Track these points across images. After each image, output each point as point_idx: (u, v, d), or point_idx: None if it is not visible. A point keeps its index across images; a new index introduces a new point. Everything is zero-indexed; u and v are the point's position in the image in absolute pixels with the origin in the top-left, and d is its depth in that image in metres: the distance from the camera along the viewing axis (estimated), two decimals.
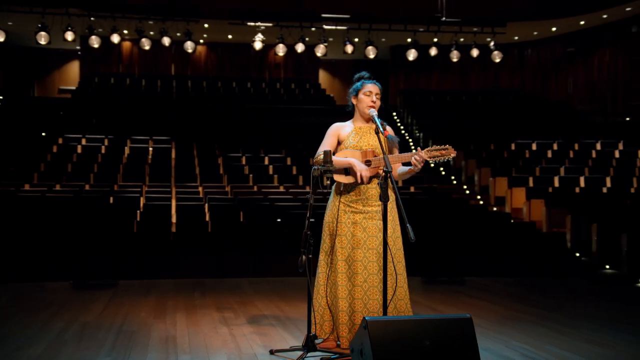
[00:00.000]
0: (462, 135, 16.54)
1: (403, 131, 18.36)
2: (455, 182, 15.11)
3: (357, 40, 18.06)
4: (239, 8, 16.96)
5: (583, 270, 10.19)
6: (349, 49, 16.92)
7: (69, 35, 16.19)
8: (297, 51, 17.30)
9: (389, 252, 4.64)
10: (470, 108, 19.36)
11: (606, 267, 10.34)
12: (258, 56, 20.64)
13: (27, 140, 15.28)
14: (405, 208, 4.29)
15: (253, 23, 17.42)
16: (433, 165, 15.18)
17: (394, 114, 19.36)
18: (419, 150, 4.64)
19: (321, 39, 17.16)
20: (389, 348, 3.76)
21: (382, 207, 4.40)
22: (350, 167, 4.70)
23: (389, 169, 4.37)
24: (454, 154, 4.69)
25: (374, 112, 4.75)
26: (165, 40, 16.67)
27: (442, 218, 10.98)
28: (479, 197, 13.98)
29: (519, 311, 6.69)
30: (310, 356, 4.50)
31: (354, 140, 4.83)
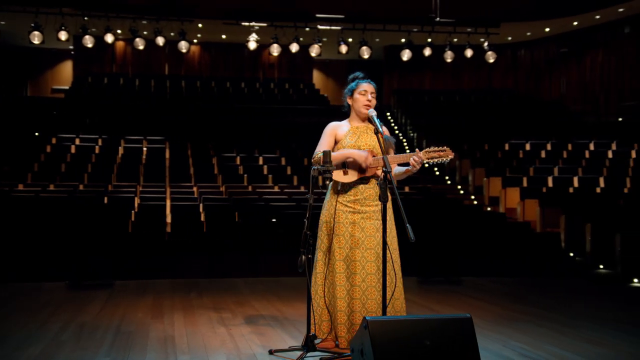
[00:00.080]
0: (456, 135, 16.57)
1: (397, 131, 18.38)
2: (449, 182, 15.14)
3: (351, 40, 18.06)
4: (233, 8, 16.92)
5: (577, 270, 10.22)
6: (343, 49, 16.92)
7: (63, 35, 16.11)
8: (292, 51, 17.28)
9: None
10: (463, 108, 19.40)
11: (600, 267, 10.36)
12: (252, 56, 20.63)
13: (21, 140, 15.23)
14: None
15: (247, 23, 17.40)
16: (427, 166, 15.19)
17: (388, 114, 19.37)
18: (417, 152, 4.67)
19: (315, 39, 17.15)
20: (390, 348, 3.77)
21: (382, 207, 4.42)
22: (350, 159, 4.69)
23: (388, 169, 4.38)
24: (452, 155, 4.72)
25: (374, 113, 4.75)
26: (160, 40, 16.61)
27: (437, 218, 11.01)
28: (473, 197, 14.02)
29: (516, 311, 6.70)
30: (309, 356, 4.50)
31: (351, 139, 4.83)
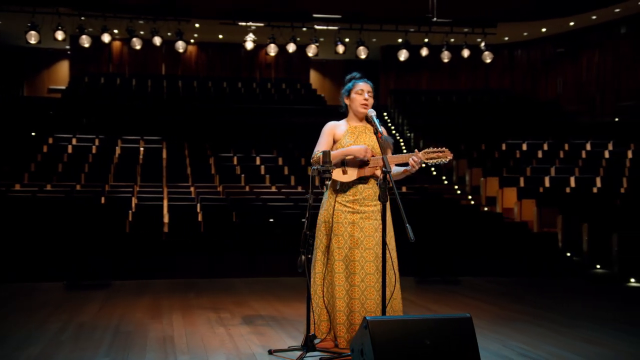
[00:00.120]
0: (453, 135, 16.58)
1: (394, 131, 18.40)
2: (446, 182, 15.16)
3: (348, 40, 18.05)
4: (230, 8, 16.91)
5: (574, 270, 10.24)
6: (341, 49, 16.91)
7: (59, 35, 16.07)
8: (289, 51, 17.26)
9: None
10: (460, 108, 19.41)
11: (597, 267, 10.38)
12: (249, 56, 20.62)
13: (17, 139, 15.20)
14: (397, 208, 4.33)
15: (244, 23, 17.39)
16: (425, 166, 15.20)
17: (385, 114, 19.38)
18: (417, 152, 4.68)
19: (312, 39, 17.14)
20: (390, 348, 3.77)
21: (381, 207, 4.43)
22: (350, 157, 4.70)
23: (388, 169, 4.38)
24: (451, 156, 4.72)
25: (373, 112, 4.76)
26: (157, 40, 16.58)
27: (435, 218, 11.01)
28: (470, 197, 14.03)
29: (514, 311, 6.72)
30: (309, 356, 4.50)
31: (350, 139, 4.83)
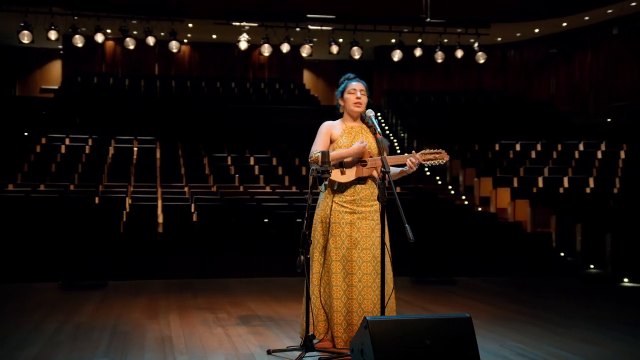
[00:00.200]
0: (447, 135, 16.61)
1: (388, 131, 18.43)
2: (440, 183, 15.19)
3: (342, 40, 18.05)
4: (224, 8, 16.88)
5: (568, 270, 10.28)
6: (334, 49, 16.91)
7: (52, 35, 16.00)
8: (282, 51, 17.25)
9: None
10: (454, 108, 19.45)
11: (590, 267, 10.42)
12: (242, 56, 20.59)
13: (10, 139, 15.13)
14: (393, 208, 4.35)
15: (238, 23, 17.37)
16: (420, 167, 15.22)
17: (379, 114, 19.39)
18: (414, 153, 4.70)
19: (306, 39, 17.14)
20: (390, 347, 3.78)
21: (380, 208, 4.44)
22: (349, 159, 4.71)
23: (387, 169, 4.40)
24: (447, 158, 4.75)
25: (372, 113, 4.78)
26: (150, 40, 16.54)
27: (429, 218, 11.03)
28: (463, 198, 14.06)
29: (510, 311, 6.74)
30: (308, 356, 4.50)
31: (347, 139, 4.84)
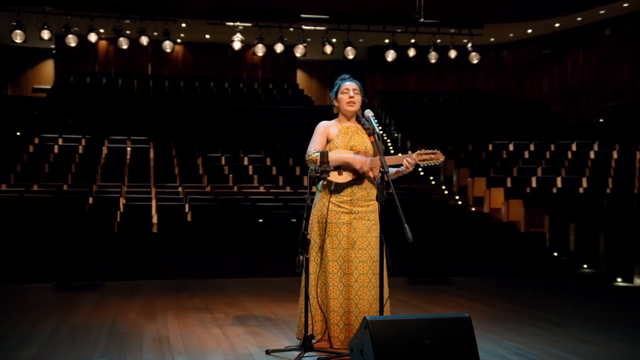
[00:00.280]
0: (440, 135, 16.62)
1: (381, 131, 18.35)
2: (433, 183, 15.21)
3: (335, 40, 18.04)
4: (218, 8, 16.86)
5: (562, 269, 10.32)
6: (328, 49, 16.91)
7: (45, 34, 15.92)
8: (276, 51, 17.24)
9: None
10: (447, 109, 19.49)
11: (584, 267, 10.46)
12: (236, 56, 20.56)
13: (2, 140, 15.06)
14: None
15: (232, 23, 17.35)
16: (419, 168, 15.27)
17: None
18: (410, 153, 4.73)
19: (300, 40, 17.14)
20: (390, 347, 3.79)
21: (379, 208, 4.46)
22: (347, 164, 4.72)
23: (386, 169, 4.42)
24: (443, 158, 4.78)
25: (370, 113, 4.79)
26: (144, 40, 16.49)
27: (424, 218, 11.05)
28: (457, 198, 14.09)
29: (507, 310, 6.76)
30: (307, 356, 4.51)
31: (343, 140, 4.85)
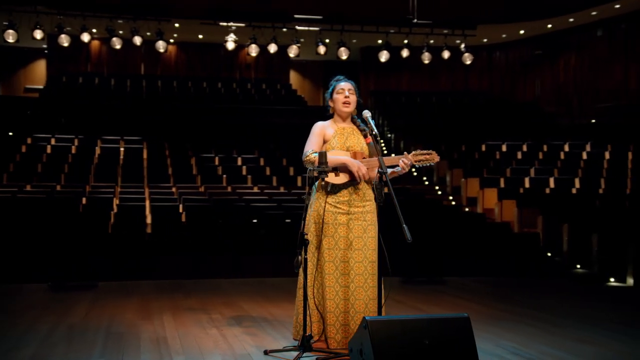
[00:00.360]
0: (433, 136, 16.66)
1: (374, 132, 18.42)
2: (427, 183, 15.24)
3: (328, 41, 18.04)
4: (211, 8, 16.83)
5: (556, 269, 10.36)
6: (322, 49, 16.92)
7: (38, 34, 15.86)
8: (270, 52, 17.23)
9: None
10: (440, 109, 19.53)
11: (577, 267, 10.51)
12: (229, 56, 20.51)
13: None
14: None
15: (225, 23, 17.33)
16: (414, 169, 15.30)
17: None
18: (406, 154, 4.75)
19: (293, 40, 17.13)
20: (389, 347, 3.80)
21: (377, 208, 4.47)
22: (345, 166, 4.72)
23: (384, 170, 4.44)
24: (438, 159, 4.82)
25: (369, 114, 4.82)
26: (137, 40, 16.44)
27: (418, 218, 11.07)
28: (451, 198, 14.12)
29: (502, 310, 6.78)
30: (306, 356, 4.51)
31: (339, 140, 4.86)
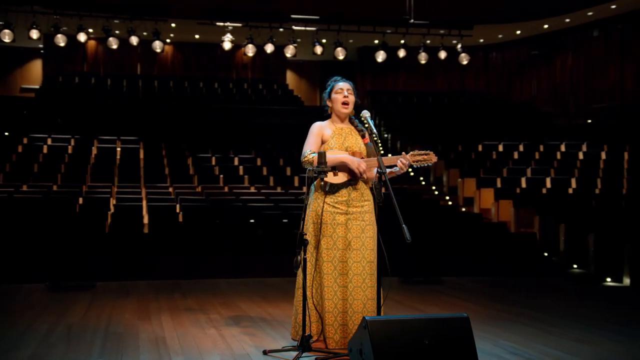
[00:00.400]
0: (430, 136, 16.68)
1: (374, 132, 18.43)
2: (424, 183, 15.26)
3: (325, 41, 18.07)
4: (208, 8, 16.82)
5: (552, 269, 10.38)
6: (319, 50, 16.93)
7: (34, 34, 15.83)
8: (266, 52, 17.24)
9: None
10: (437, 109, 19.55)
11: (574, 267, 10.53)
12: (225, 56, 20.49)
13: None
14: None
15: (222, 23, 17.32)
16: (411, 170, 15.31)
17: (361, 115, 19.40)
18: (404, 154, 4.76)
19: (290, 40, 17.14)
20: (389, 347, 3.81)
21: (376, 208, 4.48)
22: (344, 164, 4.73)
23: (383, 170, 4.45)
24: (435, 159, 4.84)
25: (367, 114, 4.84)
26: (133, 40, 16.44)
27: (416, 218, 11.07)
28: (447, 198, 14.14)
29: (500, 310, 6.79)
30: (305, 356, 4.51)
31: (338, 141, 4.87)
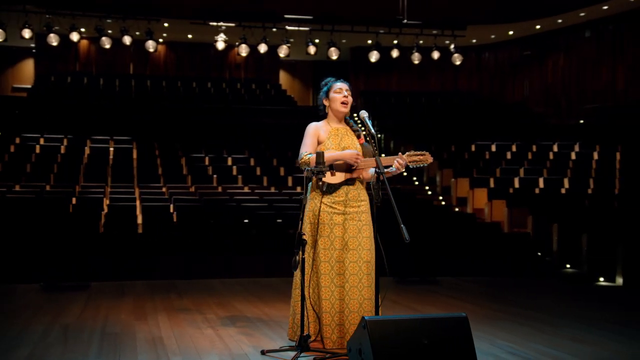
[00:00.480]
0: (423, 136, 16.70)
1: (364, 132, 18.45)
2: (417, 183, 15.28)
3: (318, 41, 18.07)
4: (201, 7, 16.80)
5: (546, 269, 10.41)
6: (312, 50, 16.94)
7: (26, 33, 15.79)
8: (260, 52, 17.23)
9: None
10: (430, 110, 19.58)
11: (567, 267, 10.57)
12: (218, 56, 20.49)
13: None
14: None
15: (215, 23, 17.31)
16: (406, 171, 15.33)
17: (355, 115, 19.43)
18: (400, 154, 4.78)
19: (283, 40, 17.14)
20: (388, 347, 3.81)
21: (374, 208, 4.49)
22: (342, 160, 4.73)
23: (381, 170, 4.46)
24: (431, 160, 4.87)
25: (365, 114, 4.86)
26: (126, 39, 16.42)
27: (410, 218, 11.06)
28: (441, 198, 14.17)
29: (496, 310, 6.81)
30: (303, 356, 4.52)
31: (334, 141, 4.89)
